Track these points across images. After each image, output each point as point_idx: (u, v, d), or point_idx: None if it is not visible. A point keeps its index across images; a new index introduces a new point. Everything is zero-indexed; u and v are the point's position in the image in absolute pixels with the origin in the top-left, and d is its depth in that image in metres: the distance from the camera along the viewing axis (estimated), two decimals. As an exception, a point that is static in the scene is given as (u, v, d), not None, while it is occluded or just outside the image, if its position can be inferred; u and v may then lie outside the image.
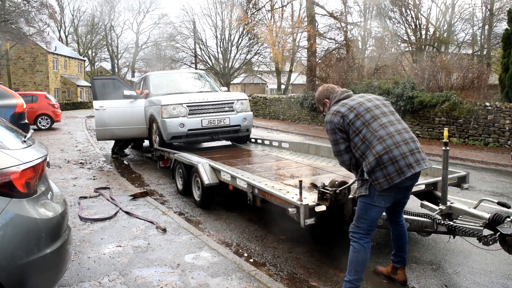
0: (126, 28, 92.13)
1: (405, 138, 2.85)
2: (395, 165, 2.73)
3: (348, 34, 24.06)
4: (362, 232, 2.90)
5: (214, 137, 7.50)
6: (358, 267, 2.88)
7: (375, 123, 2.84)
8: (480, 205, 3.52)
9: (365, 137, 2.81)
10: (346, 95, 3.08)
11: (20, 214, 2.18)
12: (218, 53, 37.77)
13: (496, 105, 11.15)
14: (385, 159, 2.73)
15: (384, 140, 2.77)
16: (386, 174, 2.73)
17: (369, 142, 2.79)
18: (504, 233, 2.90)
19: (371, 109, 2.91)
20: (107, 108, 8.21)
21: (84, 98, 45.23)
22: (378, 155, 2.73)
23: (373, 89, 14.19)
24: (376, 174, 2.75)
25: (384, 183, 2.74)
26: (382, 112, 2.94)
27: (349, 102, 2.95)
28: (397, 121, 2.94)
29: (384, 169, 2.73)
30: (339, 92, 3.11)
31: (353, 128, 2.85)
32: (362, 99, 2.99)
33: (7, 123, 2.85)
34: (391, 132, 2.83)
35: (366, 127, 2.82)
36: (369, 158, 2.76)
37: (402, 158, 2.75)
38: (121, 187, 6.43)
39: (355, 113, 2.87)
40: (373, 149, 2.76)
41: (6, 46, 26.16)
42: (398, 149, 2.77)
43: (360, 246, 2.88)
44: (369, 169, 2.76)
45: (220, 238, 4.42)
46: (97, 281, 3.22)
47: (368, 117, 2.86)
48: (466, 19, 26.57)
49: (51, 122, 17.11)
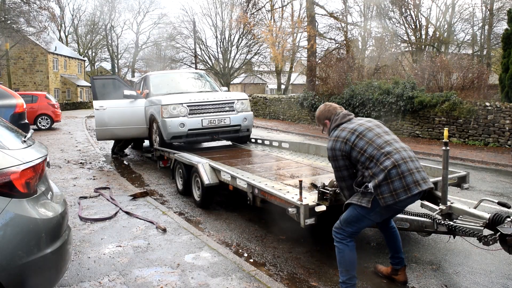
0: (126, 28, 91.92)
1: (410, 155, 2.85)
2: (402, 180, 2.72)
3: (348, 34, 24.06)
4: (345, 234, 2.92)
5: (214, 137, 7.50)
6: (348, 266, 2.89)
7: (379, 140, 2.84)
8: (480, 205, 3.52)
9: (371, 155, 2.79)
10: (347, 118, 3.04)
11: (20, 214, 2.17)
12: (218, 53, 37.79)
13: (496, 105, 11.15)
14: (393, 173, 2.72)
15: (392, 155, 2.77)
16: (392, 190, 2.71)
17: (377, 159, 2.77)
18: (504, 233, 2.90)
19: (372, 128, 2.93)
20: (107, 108, 8.21)
21: (84, 98, 45.23)
22: (386, 170, 2.72)
23: (373, 89, 14.19)
24: (382, 189, 2.73)
25: (389, 199, 2.71)
26: (384, 131, 2.97)
27: (349, 126, 2.96)
28: (397, 140, 2.97)
29: (391, 183, 2.71)
30: (341, 116, 3.06)
31: (357, 149, 2.83)
32: (362, 121, 3.01)
33: (7, 123, 2.85)
34: (397, 148, 2.83)
35: (370, 145, 2.82)
36: (378, 175, 2.74)
37: (410, 174, 2.75)
38: (121, 187, 6.42)
39: (357, 134, 2.87)
40: (381, 165, 2.75)
41: (6, 46, 26.17)
42: (406, 165, 2.76)
43: (343, 245, 2.91)
44: (376, 184, 2.73)
45: (220, 238, 4.42)
46: (97, 281, 3.22)
47: (371, 135, 2.86)
48: (466, 19, 26.58)
49: (51, 122, 17.11)
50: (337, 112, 3.11)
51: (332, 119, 3.10)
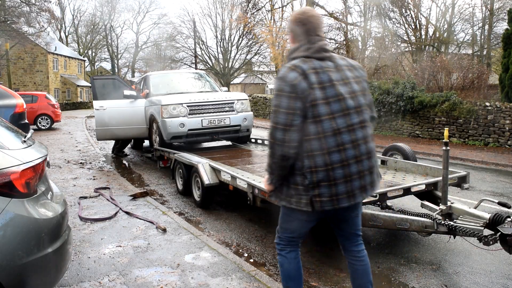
0: (126, 28, 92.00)
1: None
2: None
3: (348, 34, 24.06)
4: (283, 243, 2.39)
5: (214, 137, 7.50)
6: (289, 283, 2.40)
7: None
8: (481, 205, 3.53)
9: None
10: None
11: (20, 214, 2.17)
12: (218, 53, 37.82)
13: (496, 105, 11.15)
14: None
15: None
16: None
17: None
18: (505, 233, 2.91)
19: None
20: (107, 108, 8.21)
21: (84, 98, 45.25)
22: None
23: (373, 89, 14.18)
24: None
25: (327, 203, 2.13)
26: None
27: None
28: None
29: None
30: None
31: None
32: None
33: (7, 123, 2.85)
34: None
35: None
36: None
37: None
38: (121, 187, 6.42)
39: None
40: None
41: (6, 46, 26.17)
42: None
43: (282, 258, 2.39)
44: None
45: (220, 238, 4.42)
46: (97, 281, 3.21)
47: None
48: (466, 19, 26.60)
49: (51, 122, 17.11)
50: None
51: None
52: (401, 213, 3.83)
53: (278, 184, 2.26)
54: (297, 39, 2.24)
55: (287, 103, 2.06)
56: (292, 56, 2.21)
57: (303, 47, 2.19)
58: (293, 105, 2.05)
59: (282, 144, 2.09)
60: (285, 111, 2.06)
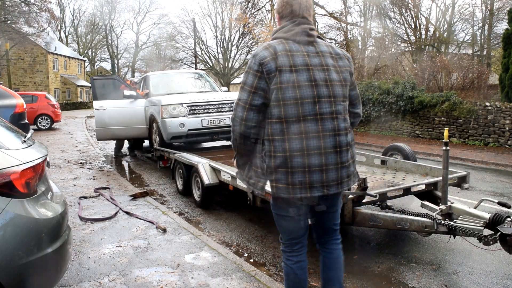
0: (126, 28, 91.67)
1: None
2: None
3: (348, 34, 24.07)
4: (288, 250, 2.28)
5: (214, 137, 7.49)
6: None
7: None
8: (481, 205, 3.52)
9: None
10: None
11: (20, 214, 2.17)
12: (218, 53, 37.75)
13: (496, 105, 11.15)
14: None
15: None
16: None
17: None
18: (505, 233, 2.90)
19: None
20: (107, 108, 8.21)
21: (84, 98, 45.25)
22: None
23: (373, 89, 14.19)
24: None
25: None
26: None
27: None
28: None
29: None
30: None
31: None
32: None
33: (7, 123, 2.85)
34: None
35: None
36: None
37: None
38: (121, 187, 6.42)
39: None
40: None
41: (6, 46, 26.17)
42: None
43: (287, 268, 2.27)
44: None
45: (220, 238, 4.42)
46: (97, 281, 3.21)
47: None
48: (466, 19, 26.59)
49: (51, 122, 17.11)
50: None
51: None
52: (401, 213, 3.83)
53: (242, 163, 2.23)
54: (282, 20, 2.17)
55: (252, 81, 2.02)
56: (273, 36, 2.15)
57: (284, 28, 2.12)
58: (257, 84, 2.01)
59: (241, 122, 2.06)
60: (249, 89, 2.03)
